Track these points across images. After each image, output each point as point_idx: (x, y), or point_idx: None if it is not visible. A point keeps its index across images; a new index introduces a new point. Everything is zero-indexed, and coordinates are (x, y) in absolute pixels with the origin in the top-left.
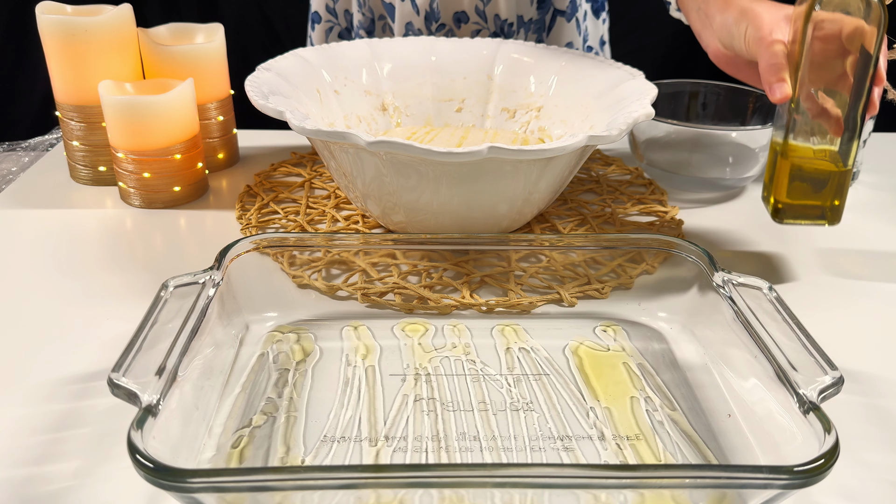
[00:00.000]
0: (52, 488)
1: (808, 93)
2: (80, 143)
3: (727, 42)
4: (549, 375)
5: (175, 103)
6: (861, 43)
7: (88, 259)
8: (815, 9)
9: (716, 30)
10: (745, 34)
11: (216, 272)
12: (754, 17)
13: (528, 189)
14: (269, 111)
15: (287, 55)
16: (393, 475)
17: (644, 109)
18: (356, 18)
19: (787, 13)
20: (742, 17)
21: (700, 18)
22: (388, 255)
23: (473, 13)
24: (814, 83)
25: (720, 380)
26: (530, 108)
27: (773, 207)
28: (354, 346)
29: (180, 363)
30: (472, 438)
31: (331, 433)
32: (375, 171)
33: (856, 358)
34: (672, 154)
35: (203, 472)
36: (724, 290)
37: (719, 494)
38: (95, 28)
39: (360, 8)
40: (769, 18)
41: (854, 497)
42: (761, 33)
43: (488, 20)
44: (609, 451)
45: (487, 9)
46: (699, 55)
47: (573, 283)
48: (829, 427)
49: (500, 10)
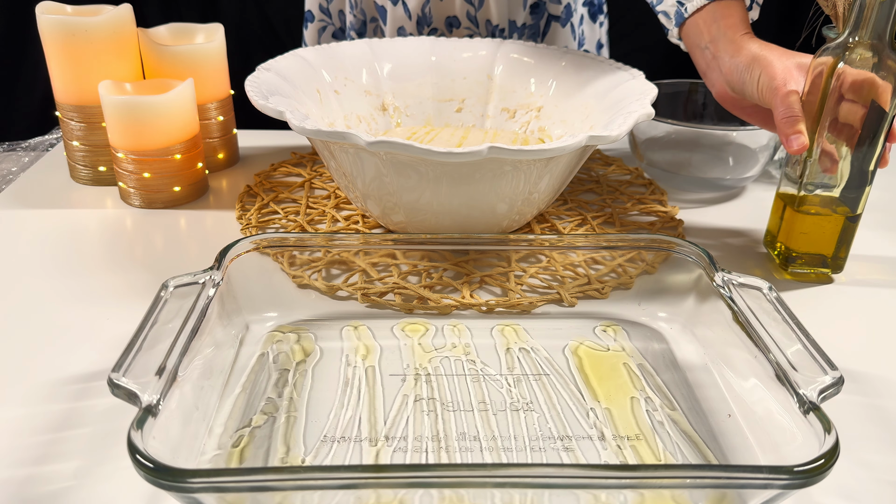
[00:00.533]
0: (52, 488)
1: (825, 145)
2: (80, 143)
3: (737, 87)
4: (549, 375)
5: (175, 103)
6: (876, 98)
7: (88, 259)
8: (839, 64)
9: (724, 72)
10: (757, 81)
11: (216, 272)
12: (767, 64)
13: (528, 189)
14: (269, 111)
15: (287, 55)
16: (393, 475)
17: (644, 109)
18: (348, 20)
19: (799, 61)
20: (754, 64)
21: (706, 58)
22: (388, 255)
23: (465, 18)
24: (831, 136)
25: (720, 380)
26: (530, 108)
27: (782, 256)
28: (354, 347)
29: (180, 363)
30: (472, 438)
31: (331, 433)
32: (375, 171)
33: (856, 358)
34: (672, 154)
35: (203, 472)
36: (725, 291)
37: (719, 494)
38: (95, 28)
39: (352, 9)
40: (782, 67)
41: (854, 497)
42: (776, 83)
43: (480, 25)
44: (609, 452)
45: (479, 14)
46: None
47: (573, 283)
48: (829, 427)
49: (491, 16)
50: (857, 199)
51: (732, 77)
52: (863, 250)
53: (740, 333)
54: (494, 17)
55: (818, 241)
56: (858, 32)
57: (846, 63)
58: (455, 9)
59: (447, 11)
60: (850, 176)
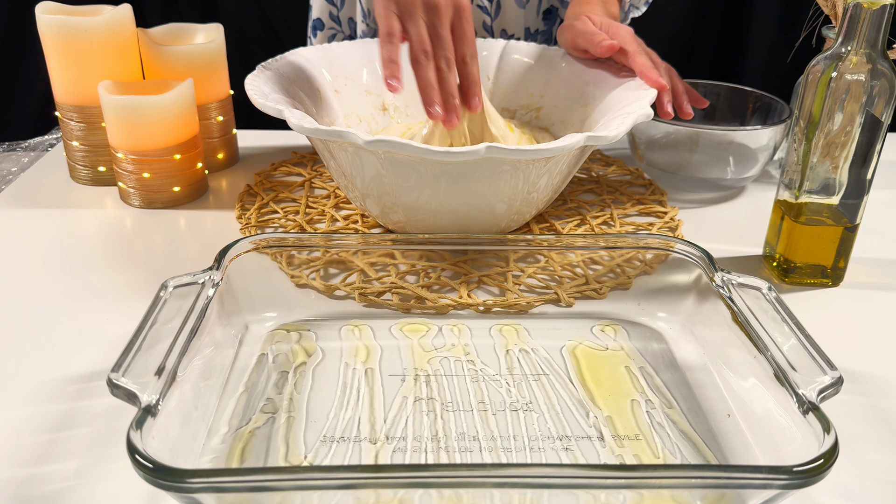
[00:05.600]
0: (52, 488)
1: (823, 154)
2: (80, 143)
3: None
4: (548, 375)
5: (175, 103)
6: (870, 108)
7: (88, 259)
8: (833, 73)
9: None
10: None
11: (216, 272)
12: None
13: (527, 189)
14: (268, 110)
15: (287, 54)
16: (392, 475)
17: (643, 110)
18: (360, 28)
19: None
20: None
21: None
22: (387, 255)
23: (481, 28)
24: (829, 144)
25: (720, 380)
26: (530, 108)
27: (781, 267)
28: (354, 347)
29: (180, 363)
30: (472, 438)
31: (331, 433)
32: (374, 170)
33: (855, 358)
34: (672, 154)
35: (202, 472)
36: (724, 291)
37: (718, 494)
38: (95, 28)
39: (364, 18)
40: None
41: (854, 497)
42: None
43: (496, 34)
44: (608, 451)
45: (495, 23)
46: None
47: (571, 283)
48: (829, 427)
49: (507, 25)
50: (856, 208)
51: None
52: (862, 251)
53: (739, 333)
54: (510, 25)
55: (817, 251)
56: (852, 42)
57: (840, 72)
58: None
59: None
60: (847, 184)
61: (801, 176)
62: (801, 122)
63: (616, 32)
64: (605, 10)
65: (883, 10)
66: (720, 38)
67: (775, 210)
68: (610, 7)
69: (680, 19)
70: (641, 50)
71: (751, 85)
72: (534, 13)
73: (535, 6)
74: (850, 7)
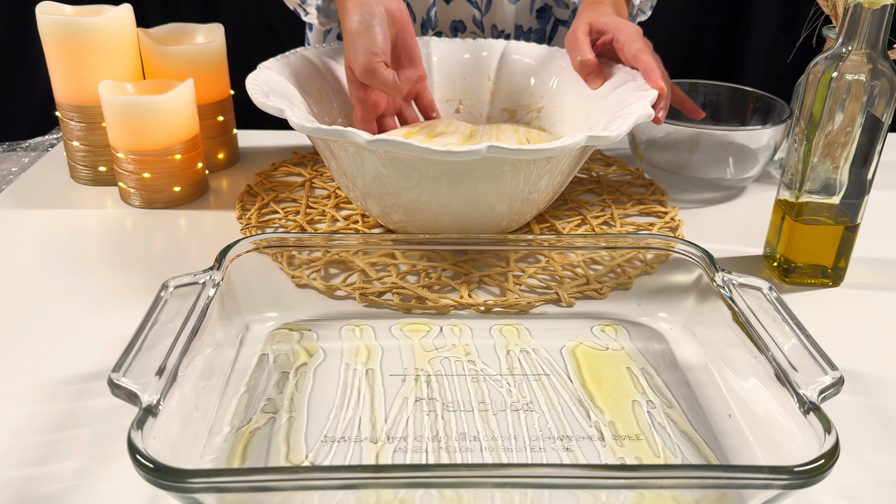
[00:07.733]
0: (52, 488)
1: (823, 154)
2: (80, 144)
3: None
4: (549, 375)
5: (175, 103)
6: (871, 108)
7: (88, 259)
8: (833, 73)
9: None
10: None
11: (216, 272)
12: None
13: (528, 189)
14: (269, 109)
15: (289, 54)
16: (393, 475)
17: (644, 110)
18: None
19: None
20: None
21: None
22: (388, 255)
23: (471, 23)
24: (829, 145)
25: (720, 380)
26: (530, 108)
27: (782, 268)
28: (355, 347)
29: (180, 363)
30: (473, 439)
31: (331, 433)
32: (375, 170)
33: (856, 358)
34: (672, 154)
35: (203, 472)
36: (725, 291)
37: (719, 494)
38: (95, 28)
39: None
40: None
41: (854, 497)
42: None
43: (486, 30)
44: (609, 452)
45: (485, 19)
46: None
47: (572, 283)
48: (830, 427)
49: (497, 21)
50: (856, 208)
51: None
52: (863, 252)
53: (740, 333)
54: (501, 22)
55: (818, 251)
56: (852, 42)
57: (840, 72)
58: (461, 13)
59: (453, 16)
60: (848, 184)
61: (801, 176)
62: (802, 123)
63: (624, 30)
64: (616, 11)
65: (883, 10)
66: (720, 39)
67: (776, 210)
68: (620, 10)
69: (680, 19)
70: (648, 50)
71: (751, 85)
72: (526, 10)
73: (527, 3)
74: (851, 7)
